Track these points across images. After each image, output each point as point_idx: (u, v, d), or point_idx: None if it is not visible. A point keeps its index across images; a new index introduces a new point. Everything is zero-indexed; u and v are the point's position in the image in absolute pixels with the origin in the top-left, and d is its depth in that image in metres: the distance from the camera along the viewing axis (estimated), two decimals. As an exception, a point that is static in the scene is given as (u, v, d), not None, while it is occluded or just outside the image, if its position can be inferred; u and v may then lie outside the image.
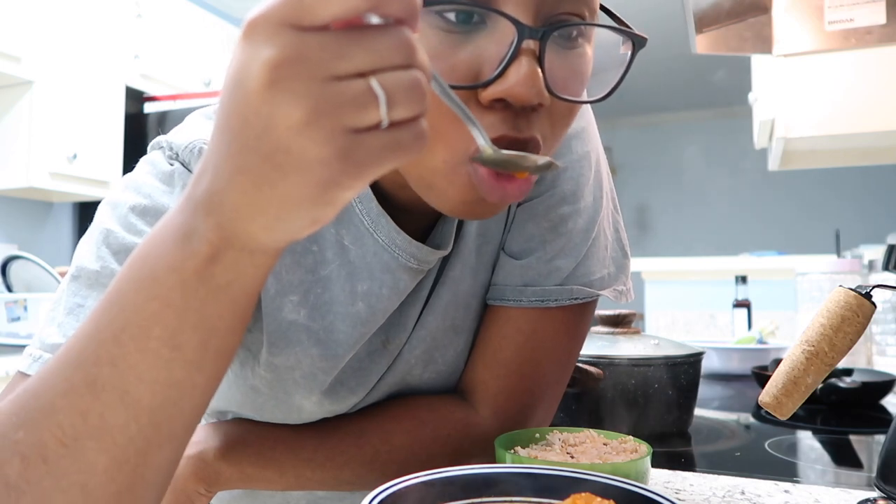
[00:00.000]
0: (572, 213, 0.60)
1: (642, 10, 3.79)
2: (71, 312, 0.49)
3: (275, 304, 0.55)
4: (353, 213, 0.55)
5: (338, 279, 0.56)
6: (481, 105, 0.42)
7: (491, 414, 0.60)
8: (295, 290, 0.55)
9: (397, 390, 0.63)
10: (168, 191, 0.52)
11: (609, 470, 0.46)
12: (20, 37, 2.26)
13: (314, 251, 0.55)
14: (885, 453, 0.60)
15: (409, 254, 0.55)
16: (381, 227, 0.54)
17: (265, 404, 0.60)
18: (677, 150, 5.81)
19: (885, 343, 1.54)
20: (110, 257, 0.49)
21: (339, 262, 0.55)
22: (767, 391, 0.60)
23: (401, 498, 0.39)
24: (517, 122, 0.43)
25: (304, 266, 0.55)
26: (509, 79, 0.40)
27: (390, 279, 0.56)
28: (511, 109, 0.42)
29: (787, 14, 0.97)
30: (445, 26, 0.41)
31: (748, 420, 1.07)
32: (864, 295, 0.57)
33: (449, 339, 0.62)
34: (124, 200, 0.52)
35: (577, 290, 0.60)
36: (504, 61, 0.40)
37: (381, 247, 0.55)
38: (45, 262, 2.42)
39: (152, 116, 2.72)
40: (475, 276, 0.61)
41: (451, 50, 0.41)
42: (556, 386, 0.63)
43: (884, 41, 0.91)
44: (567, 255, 0.60)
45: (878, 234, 2.68)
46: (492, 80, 0.41)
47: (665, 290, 2.72)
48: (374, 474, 0.58)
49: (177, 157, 0.53)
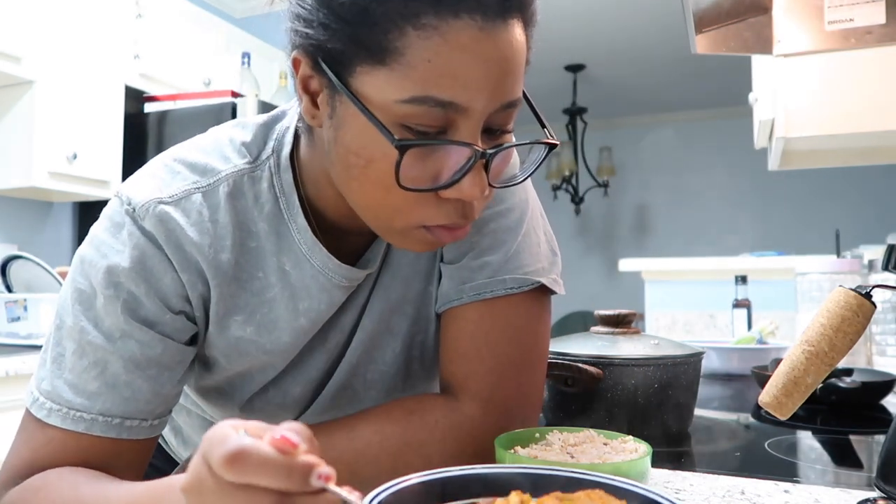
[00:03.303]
0: (495, 215, 0.68)
1: (642, 10, 3.79)
2: (55, 361, 0.61)
3: (223, 324, 0.64)
4: (293, 242, 0.64)
5: (281, 300, 0.65)
6: (440, 198, 0.54)
7: (469, 398, 0.65)
8: (240, 311, 0.64)
9: (345, 392, 0.72)
10: (119, 249, 0.60)
11: (609, 470, 0.46)
12: (20, 37, 2.25)
13: (260, 277, 0.64)
14: (885, 453, 0.60)
15: (341, 275, 0.65)
16: (316, 254, 0.64)
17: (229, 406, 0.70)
18: (677, 150, 5.81)
19: (885, 343, 1.54)
20: (81, 315, 0.60)
21: (281, 285, 0.65)
22: (767, 391, 0.60)
23: (401, 498, 0.39)
24: (465, 210, 0.55)
25: (250, 290, 0.64)
26: (464, 186, 0.52)
27: (326, 297, 0.66)
28: (462, 202, 0.55)
29: (787, 14, 0.97)
30: (417, 148, 0.51)
31: (748, 420, 1.07)
32: (864, 295, 0.57)
33: (386, 342, 0.72)
34: (88, 256, 0.61)
35: (511, 279, 0.67)
36: (462, 172, 0.52)
37: (318, 271, 0.64)
38: (45, 262, 2.42)
39: (152, 116, 2.72)
40: (407, 285, 0.71)
41: (419, 164, 0.52)
42: (524, 367, 0.67)
43: (884, 41, 0.91)
44: (495, 251, 0.67)
45: (878, 234, 2.68)
46: (450, 185, 0.52)
47: (665, 290, 2.72)
48: (367, 467, 0.61)
49: (132, 213, 0.60)
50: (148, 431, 0.61)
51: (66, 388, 0.59)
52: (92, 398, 0.59)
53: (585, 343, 0.92)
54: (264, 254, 0.64)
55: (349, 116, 0.53)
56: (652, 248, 5.72)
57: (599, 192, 5.57)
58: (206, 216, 0.61)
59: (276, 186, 0.63)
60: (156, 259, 0.60)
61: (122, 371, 0.59)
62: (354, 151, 0.53)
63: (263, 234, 0.64)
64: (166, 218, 0.60)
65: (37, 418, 0.60)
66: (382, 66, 0.50)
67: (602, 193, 5.55)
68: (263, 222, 0.63)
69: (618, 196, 5.89)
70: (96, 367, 0.59)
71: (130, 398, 0.60)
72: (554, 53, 4.45)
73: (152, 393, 0.61)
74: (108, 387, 0.59)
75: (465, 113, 0.51)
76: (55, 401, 0.59)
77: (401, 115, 0.50)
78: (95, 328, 0.59)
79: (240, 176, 0.63)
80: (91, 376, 0.59)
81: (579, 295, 5.62)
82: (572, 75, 4.84)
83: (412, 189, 0.52)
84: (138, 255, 0.59)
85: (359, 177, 0.54)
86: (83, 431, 0.58)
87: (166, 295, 0.61)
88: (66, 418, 0.59)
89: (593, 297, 5.64)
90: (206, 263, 0.61)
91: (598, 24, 4.01)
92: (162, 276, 0.60)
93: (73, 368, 0.59)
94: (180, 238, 0.60)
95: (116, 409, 0.59)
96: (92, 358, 0.59)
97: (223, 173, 0.63)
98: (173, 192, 0.61)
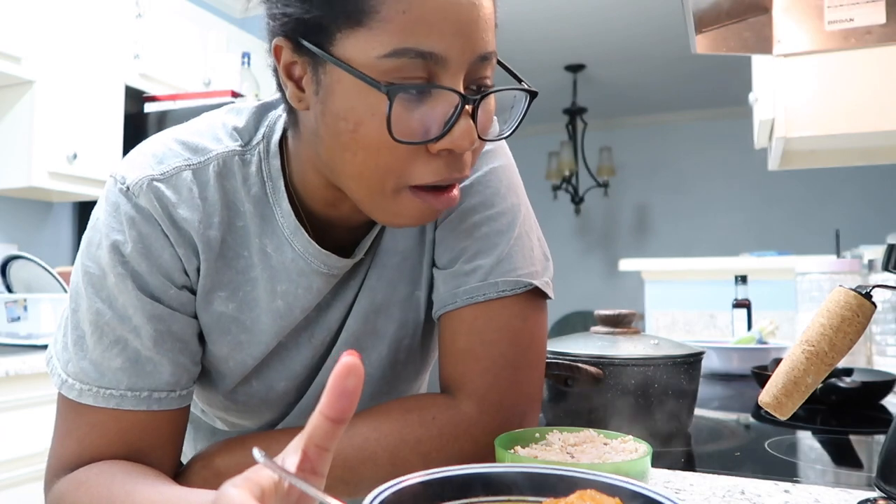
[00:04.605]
0: (485, 220, 0.69)
1: (642, 10, 3.79)
2: (76, 344, 0.63)
3: (207, 299, 0.66)
4: (276, 225, 0.66)
5: (261, 280, 0.67)
6: (430, 153, 0.56)
7: (465, 396, 0.66)
8: (224, 288, 0.66)
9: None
10: (119, 228, 0.62)
11: (609, 469, 0.46)
12: (20, 37, 2.25)
13: (245, 256, 0.66)
14: (885, 453, 0.60)
15: (321, 261, 0.66)
16: (297, 238, 0.65)
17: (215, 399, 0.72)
18: (677, 150, 5.81)
19: (885, 343, 1.53)
20: (94, 297, 0.62)
21: (262, 266, 0.66)
22: (767, 391, 0.60)
23: (401, 498, 0.39)
24: (457, 164, 0.57)
25: (235, 268, 0.66)
26: (455, 134, 0.54)
27: (305, 281, 0.67)
28: (453, 155, 0.56)
29: (786, 14, 0.97)
30: (406, 98, 0.53)
31: (748, 420, 1.07)
32: (864, 295, 0.57)
33: (372, 343, 0.72)
34: (93, 239, 0.63)
35: (503, 282, 0.67)
36: (450, 122, 0.54)
37: (298, 254, 0.66)
38: (45, 262, 2.42)
39: (152, 116, 2.72)
40: (393, 287, 0.72)
41: (409, 116, 0.54)
42: (520, 367, 0.67)
43: (884, 41, 0.91)
44: (486, 255, 0.68)
45: (878, 234, 2.68)
46: (441, 136, 0.54)
47: (665, 290, 2.72)
48: (365, 465, 0.62)
49: (125, 192, 0.62)
50: (178, 402, 0.64)
51: (92, 369, 0.62)
52: (118, 375, 0.62)
53: (585, 343, 0.92)
54: (249, 234, 0.66)
55: (335, 83, 0.55)
56: (652, 248, 5.72)
57: (599, 192, 5.57)
58: (196, 193, 0.63)
59: (264, 171, 0.66)
60: (153, 236, 0.62)
61: (141, 347, 0.62)
62: (343, 117, 0.55)
63: (249, 215, 0.66)
64: (159, 194, 0.62)
65: (71, 401, 0.62)
66: (361, 27, 0.52)
67: (602, 193, 5.55)
68: (250, 203, 0.66)
69: (618, 196, 5.89)
70: (117, 346, 0.62)
71: (153, 371, 0.62)
72: (554, 53, 4.46)
73: (173, 364, 0.63)
74: (131, 362, 0.62)
75: (444, 64, 0.53)
76: (84, 381, 0.62)
77: (384, 71, 0.52)
78: (110, 308, 0.62)
79: (230, 156, 0.65)
80: (113, 354, 0.62)
81: (579, 295, 5.63)
82: (572, 75, 4.84)
83: (404, 142, 0.53)
84: (136, 233, 0.61)
85: (349, 144, 0.56)
86: (115, 407, 0.61)
87: (168, 270, 0.63)
88: (98, 396, 0.61)
89: (593, 297, 5.64)
90: (198, 238, 0.63)
91: (598, 24, 4.01)
92: (161, 253, 0.62)
93: (95, 349, 0.62)
94: (173, 214, 0.62)
95: (142, 382, 0.62)
96: (111, 337, 0.62)
97: (213, 153, 0.65)
98: (164, 170, 0.63)
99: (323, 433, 0.38)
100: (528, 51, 4.38)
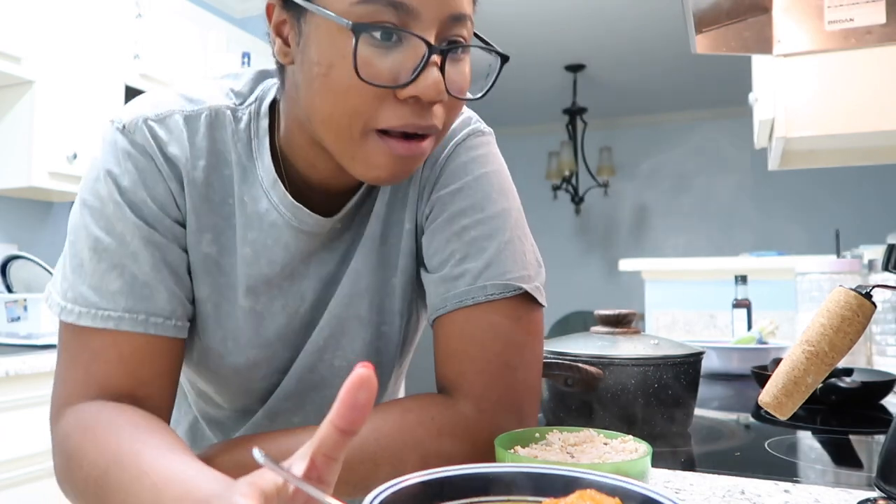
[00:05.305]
0: (473, 224, 0.70)
1: (642, 10, 3.79)
2: (75, 271, 0.65)
3: (195, 238, 0.68)
4: (255, 177, 0.69)
5: (238, 227, 0.70)
6: (398, 100, 0.58)
7: (462, 395, 0.67)
8: (210, 230, 0.69)
9: (310, 375, 0.75)
10: (116, 162, 0.65)
11: (609, 469, 0.46)
12: (20, 37, 2.25)
13: (230, 203, 0.69)
14: (885, 453, 0.60)
15: (292, 213, 0.68)
16: (275, 191, 0.68)
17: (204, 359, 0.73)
18: (677, 150, 5.81)
19: (885, 343, 1.54)
20: (93, 225, 0.64)
21: (240, 212, 0.69)
22: (767, 391, 0.60)
23: (401, 498, 0.39)
24: (423, 113, 0.59)
25: (220, 214, 0.69)
26: (420, 82, 0.56)
27: (275, 233, 0.69)
28: (420, 104, 0.58)
29: (787, 14, 0.97)
30: (374, 42, 0.56)
31: (748, 420, 1.07)
32: (864, 295, 0.57)
33: (354, 330, 0.74)
34: (92, 174, 0.66)
35: (492, 286, 0.68)
36: (417, 69, 0.56)
37: (272, 206, 0.69)
38: (45, 262, 2.42)
39: (152, 116, 2.72)
40: (375, 273, 0.74)
41: (377, 60, 0.56)
42: (516, 368, 0.68)
43: (884, 41, 0.91)
44: (474, 259, 0.69)
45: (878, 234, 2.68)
46: (408, 83, 0.56)
47: (665, 290, 2.71)
48: (364, 465, 0.62)
49: (122, 130, 0.65)
50: (174, 331, 0.66)
51: (91, 292, 0.64)
52: (115, 297, 0.63)
53: (585, 343, 0.92)
54: (234, 183, 0.69)
55: (312, 31, 0.58)
56: (652, 248, 5.72)
57: (599, 192, 5.57)
58: (185, 136, 0.67)
59: (252, 129, 0.69)
60: (148, 170, 0.65)
61: (138, 272, 0.64)
62: (317, 61, 0.58)
63: (235, 165, 0.69)
64: (153, 132, 0.66)
65: (73, 330, 0.64)
66: None
67: (602, 193, 5.54)
68: (236, 155, 0.69)
69: (618, 196, 5.89)
70: (115, 270, 0.64)
71: (150, 296, 0.64)
72: (554, 53, 4.46)
73: (169, 293, 0.66)
74: (129, 286, 0.64)
75: (416, 16, 0.56)
76: (82, 304, 0.63)
77: (357, 16, 0.55)
78: (108, 235, 0.64)
79: (223, 110, 0.69)
80: (111, 278, 0.64)
81: (579, 295, 5.63)
82: (572, 75, 4.83)
83: (371, 83, 0.56)
84: (133, 166, 0.65)
85: (320, 88, 0.58)
86: (114, 328, 0.63)
87: (162, 202, 0.66)
88: (97, 318, 0.63)
89: (593, 297, 5.64)
90: (185, 176, 0.67)
91: (598, 24, 4.01)
92: (155, 185, 0.66)
93: (94, 273, 0.64)
94: (165, 150, 0.66)
95: (140, 306, 0.64)
96: (109, 262, 0.64)
97: (207, 105, 0.69)
98: (158, 112, 0.67)
99: (332, 443, 0.39)
100: (528, 51, 4.38)
